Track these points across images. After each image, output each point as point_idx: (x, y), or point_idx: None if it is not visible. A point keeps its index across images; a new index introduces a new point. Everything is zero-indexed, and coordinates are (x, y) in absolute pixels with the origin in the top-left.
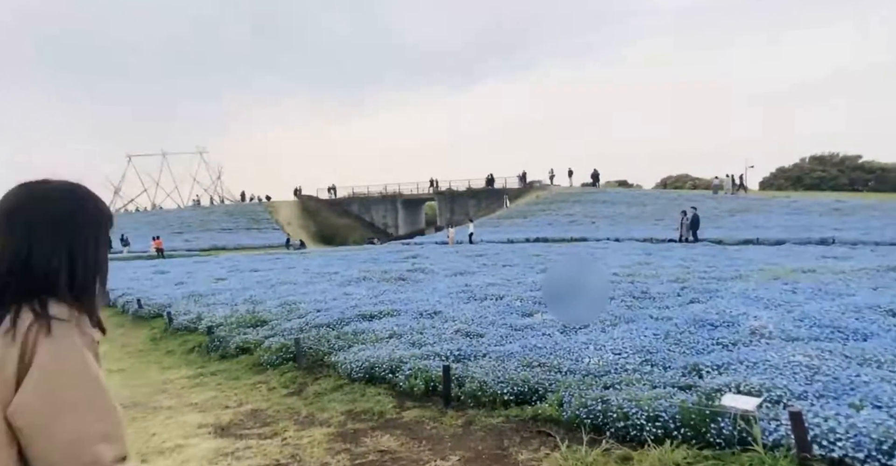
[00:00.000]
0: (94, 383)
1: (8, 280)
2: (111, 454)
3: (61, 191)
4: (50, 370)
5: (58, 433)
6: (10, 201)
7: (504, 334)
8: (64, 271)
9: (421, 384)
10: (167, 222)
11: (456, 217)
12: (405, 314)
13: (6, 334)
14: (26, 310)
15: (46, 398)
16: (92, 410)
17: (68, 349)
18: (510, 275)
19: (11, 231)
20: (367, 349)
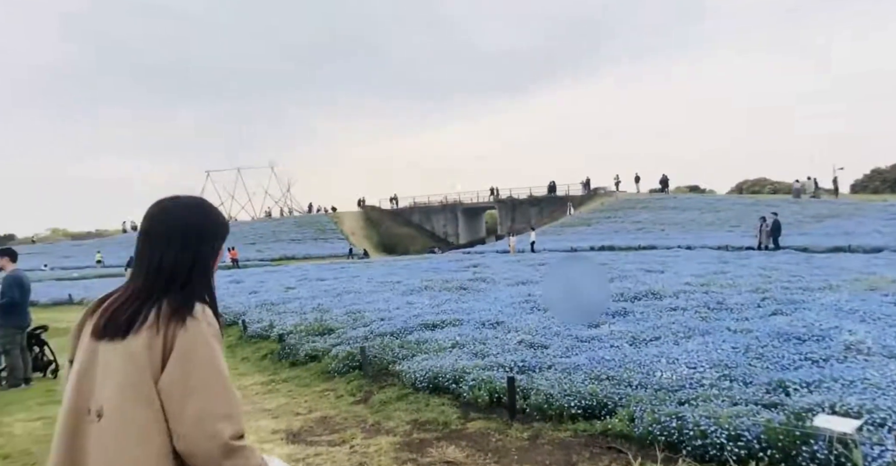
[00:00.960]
0: (217, 369)
1: (151, 281)
2: (230, 431)
3: (189, 205)
4: (184, 357)
5: (188, 409)
6: (150, 214)
7: (569, 345)
8: (191, 273)
9: (485, 395)
10: (242, 234)
11: (517, 226)
12: (467, 324)
13: (151, 327)
14: (165, 305)
15: (180, 380)
16: (215, 392)
17: (198, 339)
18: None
19: (151, 240)
20: (431, 359)
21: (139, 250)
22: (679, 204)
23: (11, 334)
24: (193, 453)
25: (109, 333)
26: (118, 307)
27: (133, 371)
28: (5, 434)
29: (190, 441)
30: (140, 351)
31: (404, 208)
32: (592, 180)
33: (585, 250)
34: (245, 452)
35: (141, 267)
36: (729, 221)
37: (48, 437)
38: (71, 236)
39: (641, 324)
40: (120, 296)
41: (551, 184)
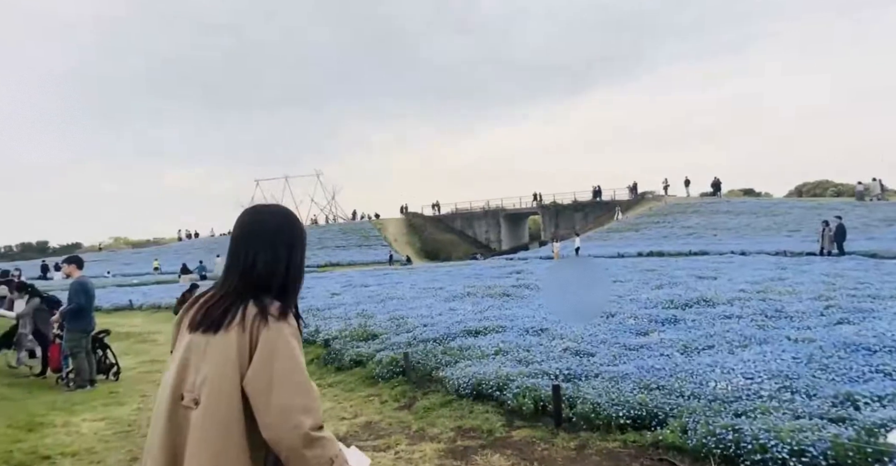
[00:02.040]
0: (297, 365)
1: (243, 283)
2: (310, 423)
3: (278, 213)
4: (267, 353)
5: (272, 402)
6: (243, 221)
7: (617, 353)
8: (279, 275)
9: (530, 403)
10: None
11: (561, 231)
12: (511, 331)
13: (240, 323)
14: (252, 306)
15: (264, 374)
16: (296, 386)
17: (280, 337)
18: (622, 291)
19: (244, 244)
20: (474, 366)
21: (233, 254)
22: (732, 208)
23: (78, 337)
24: (278, 441)
25: (204, 327)
26: (213, 304)
27: (225, 364)
28: (73, 433)
29: (275, 430)
30: (230, 346)
31: (446, 214)
32: (639, 185)
33: (633, 256)
34: (324, 442)
35: (235, 269)
36: (787, 225)
37: (112, 436)
38: (131, 245)
39: (693, 332)
40: (215, 294)
41: (596, 189)
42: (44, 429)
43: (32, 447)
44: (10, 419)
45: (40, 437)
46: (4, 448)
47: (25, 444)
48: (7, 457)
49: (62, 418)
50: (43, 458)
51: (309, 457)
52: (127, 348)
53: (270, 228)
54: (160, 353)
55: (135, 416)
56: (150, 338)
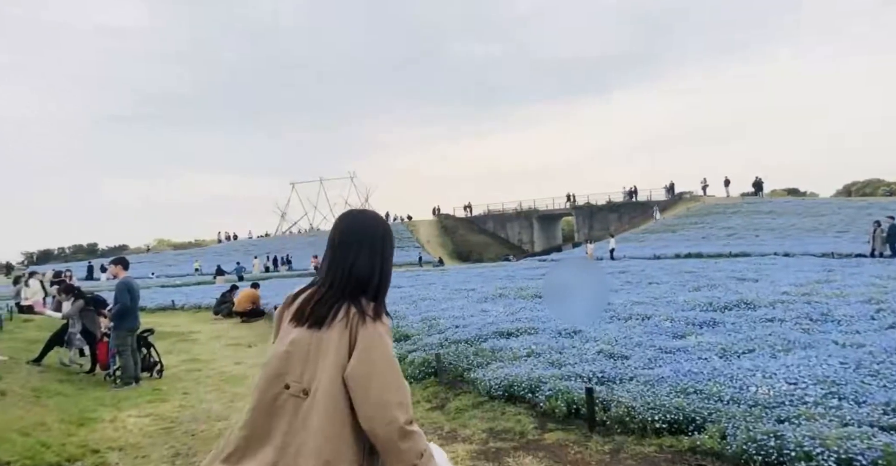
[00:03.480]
0: (391, 363)
1: (343, 283)
2: (404, 417)
3: (377, 219)
4: (365, 351)
5: (370, 395)
6: (342, 224)
7: (652, 356)
8: (376, 277)
9: (562, 405)
10: (323, 243)
11: (595, 232)
12: (543, 333)
13: (342, 321)
14: (350, 305)
15: (363, 370)
16: (391, 382)
17: (376, 335)
18: (658, 293)
19: (347, 247)
20: (506, 368)
21: (336, 255)
22: (775, 208)
23: (123, 336)
24: (375, 433)
25: (310, 323)
26: (318, 301)
27: (330, 358)
28: (119, 428)
29: (372, 423)
30: (334, 342)
31: (478, 215)
32: (676, 185)
33: (669, 258)
34: (416, 436)
35: (338, 269)
36: (835, 226)
37: (155, 432)
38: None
39: (732, 336)
40: (317, 292)
41: (632, 189)
42: (93, 424)
43: (83, 440)
44: (63, 413)
45: (90, 431)
46: (58, 441)
47: (77, 438)
48: (60, 450)
49: (110, 413)
50: (93, 452)
51: (403, 449)
52: (169, 346)
53: (371, 232)
54: (200, 352)
55: (177, 413)
56: (191, 337)
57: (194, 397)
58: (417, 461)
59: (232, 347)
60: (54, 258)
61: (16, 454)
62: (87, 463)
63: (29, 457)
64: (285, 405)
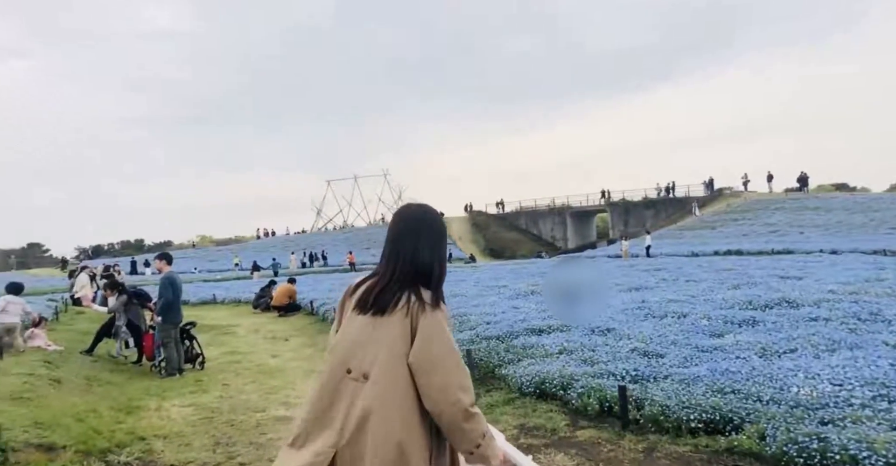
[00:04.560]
0: (452, 348)
1: (404, 273)
2: (467, 400)
3: (432, 211)
4: (426, 337)
5: (433, 379)
6: (401, 217)
7: (688, 355)
8: (436, 268)
9: (595, 403)
10: (357, 239)
11: (630, 229)
12: (576, 330)
13: (403, 309)
14: (411, 294)
15: (425, 355)
16: (452, 367)
17: (437, 323)
18: (695, 291)
19: (405, 239)
20: (537, 364)
21: (393, 246)
22: (822, 204)
23: (168, 329)
24: (440, 414)
25: (373, 310)
26: (381, 290)
27: (392, 344)
28: (164, 417)
29: (437, 405)
30: (396, 329)
31: (511, 212)
32: (716, 180)
33: (708, 255)
34: (479, 417)
35: (399, 260)
36: (887, 222)
37: (198, 421)
38: (215, 243)
39: (773, 335)
40: (379, 281)
41: (669, 185)
42: (140, 412)
43: (131, 428)
44: (112, 401)
45: (137, 419)
46: (108, 428)
47: (125, 425)
48: (110, 436)
49: (155, 402)
50: (140, 439)
51: (467, 430)
52: (210, 339)
53: (430, 225)
54: (239, 344)
55: (217, 403)
56: (230, 330)
57: (234, 388)
58: (481, 440)
59: (269, 340)
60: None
61: (71, 439)
62: (135, 450)
63: (83, 442)
64: (347, 389)
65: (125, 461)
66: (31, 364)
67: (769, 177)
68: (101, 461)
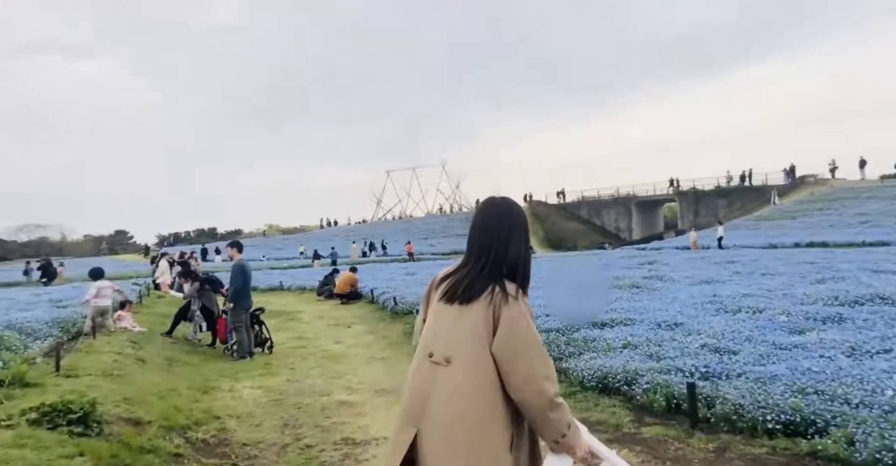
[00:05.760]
0: (535, 339)
1: (491, 265)
2: (552, 390)
3: (517, 205)
4: (509, 327)
5: (517, 368)
6: (488, 211)
7: (765, 352)
8: (522, 260)
9: (661, 399)
10: (415, 229)
11: (701, 219)
12: (640, 324)
13: (486, 299)
14: (496, 285)
15: (509, 345)
16: (536, 356)
17: (520, 314)
18: (773, 285)
19: (493, 233)
20: (599, 358)
21: (479, 239)
22: None
23: (239, 314)
24: (525, 403)
25: (459, 300)
26: (468, 281)
27: (474, 331)
28: (236, 398)
29: (522, 394)
30: (479, 317)
31: (572, 202)
32: (797, 168)
33: (788, 247)
34: (564, 408)
35: (484, 253)
36: None
37: (267, 403)
38: (281, 232)
39: (864, 333)
40: (468, 273)
41: (744, 173)
42: (215, 392)
43: (207, 407)
44: (190, 381)
45: (212, 399)
46: (187, 406)
47: (201, 404)
48: (189, 414)
49: (228, 384)
50: (215, 417)
51: (552, 419)
52: (278, 325)
53: (516, 220)
54: (305, 330)
55: (285, 386)
56: (296, 316)
57: (300, 372)
58: (566, 431)
59: (333, 327)
60: (181, 241)
61: (154, 414)
62: (211, 428)
63: (165, 418)
64: (430, 372)
65: (202, 437)
66: (120, 344)
67: (862, 163)
68: (182, 436)
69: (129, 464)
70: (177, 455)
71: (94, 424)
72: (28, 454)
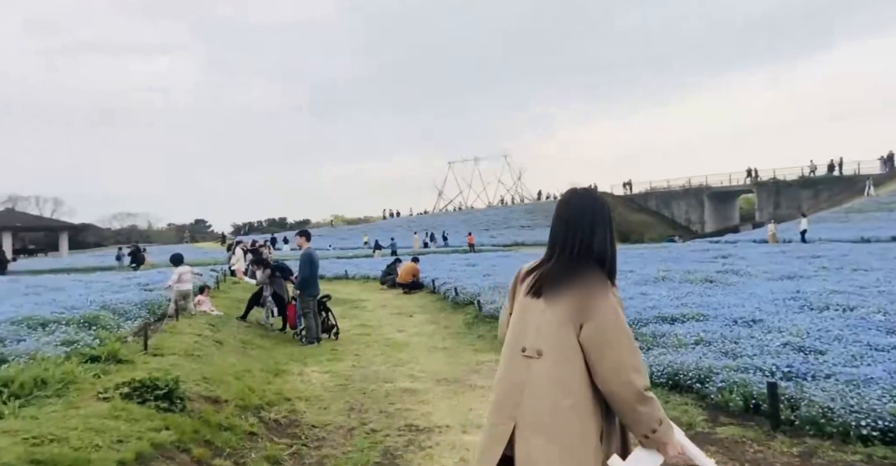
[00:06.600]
0: (624, 329)
1: (578, 256)
2: (641, 383)
3: (601, 197)
4: (598, 317)
5: (605, 359)
6: (571, 202)
7: (857, 353)
8: (609, 251)
9: (738, 399)
10: (476, 220)
11: (781, 212)
12: (714, 320)
13: (572, 291)
14: (583, 278)
15: (596, 335)
16: (625, 348)
17: (608, 304)
18: (866, 282)
19: (578, 224)
20: (669, 354)
21: (563, 232)
22: None
23: (307, 301)
24: (612, 394)
25: (544, 293)
26: (554, 274)
27: (562, 324)
28: (305, 381)
29: (609, 385)
30: (566, 309)
31: (639, 193)
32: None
33: (884, 241)
34: (654, 402)
35: (571, 245)
36: None
37: (334, 387)
38: (347, 222)
39: None
40: (553, 266)
41: (832, 162)
42: (285, 375)
43: (278, 389)
44: (263, 363)
45: (283, 382)
46: (260, 387)
47: (273, 386)
48: (262, 395)
49: (297, 367)
50: (286, 399)
51: (641, 412)
52: (343, 312)
53: (602, 211)
54: (369, 318)
55: (350, 372)
56: (360, 305)
57: (364, 359)
58: (657, 426)
59: (395, 316)
60: (254, 230)
61: (231, 394)
62: (282, 409)
63: (241, 398)
64: (523, 366)
65: (274, 418)
66: (200, 326)
67: None
68: (256, 416)
69: (209, 440)
70: (251, 434)
71: (177, 400)
72: (122, 425)
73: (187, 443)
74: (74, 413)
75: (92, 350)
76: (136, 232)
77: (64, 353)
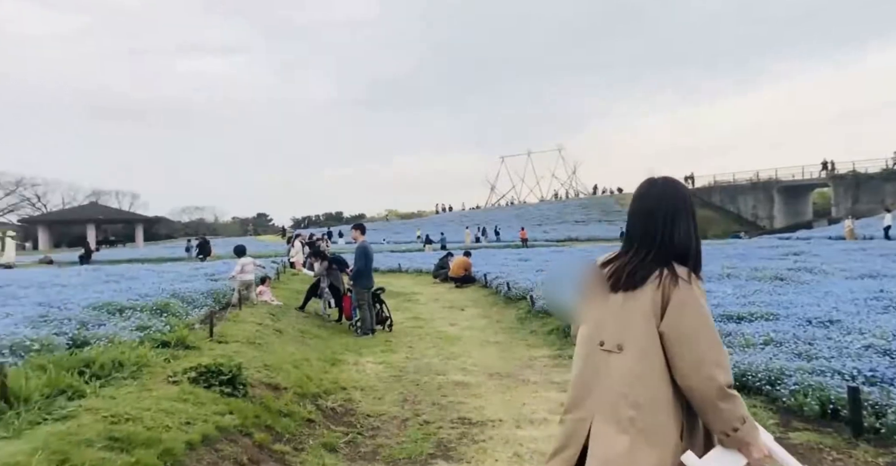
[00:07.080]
0: (707, 323)
1: (658, 249)
2: (723, 378)
3: (683, 186)
4: (678, 310)
5: (686, 352)
6: (653, 193)
7: None
8: (692, 243)
9: (813, 403)
10: (530, 215)
11: (861, 206)
12: (785, 320)
13: (654, 283)
14: (666, 270)
15: (677, 328)
16: (707, 341)
17: (690, 296)
18: None
19: (658, 216)
20: (736, 354)
21: (641, 224)
22: None
23: (362, 293)
24: (692, 390)
25: (623, 286)
26: (632, 268)
27: (643, 317)
28: (360, 371)
29: (689, 379)
30: (647, 302)
31: (702, 187)
32: None
33: None
34: (737, 400)
35: (649, 239)
36: None
37: (388, 378)
38: (400, 216)
39: None
40: (631, 260)
41: None
42: (341, 365)
43: (334, 378)
44: (320, 353)
45: (339, 371)
46: (317, 376)
47: (330, 375)
48: (319, 383)
49: (353, 358)
50: (341, 388)
51: (722, 409)
52: (396, 305)
53: (684, 200)
54: (421, 311)
55: (404, 363)
56: (413, 298)
57: (417, 351)
58: (739, 425)
59: (447, 309)
60: (312, 224)
61: (290, 382)
62: (338, 398)
63: (299, 386)
64: (602, 360)
65: (331, 406)
66: (261, 315)
67: None
68: (313, 404)
69: (270, 425)
70: (309, 421)
71: (240, 386)
72: (189, 408)
73: (249, 428)
74: (147, 394)
75: (163, 336)
76: (203, 225)
77: (138, 338)
